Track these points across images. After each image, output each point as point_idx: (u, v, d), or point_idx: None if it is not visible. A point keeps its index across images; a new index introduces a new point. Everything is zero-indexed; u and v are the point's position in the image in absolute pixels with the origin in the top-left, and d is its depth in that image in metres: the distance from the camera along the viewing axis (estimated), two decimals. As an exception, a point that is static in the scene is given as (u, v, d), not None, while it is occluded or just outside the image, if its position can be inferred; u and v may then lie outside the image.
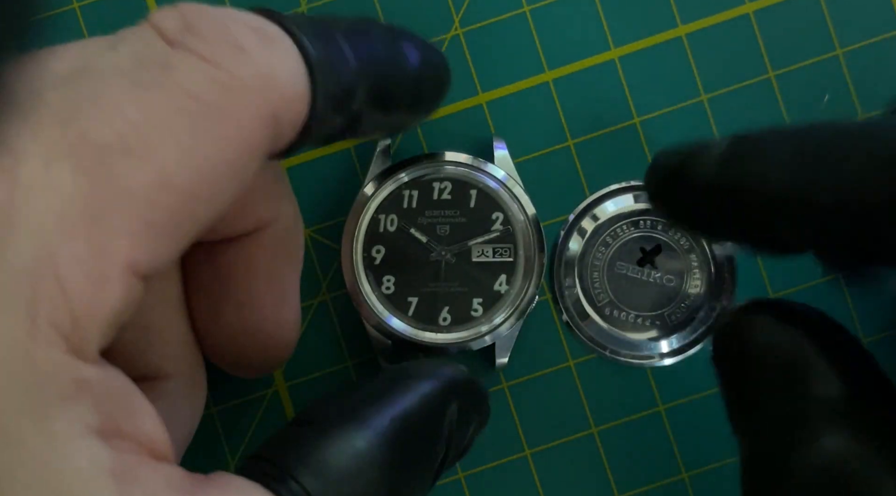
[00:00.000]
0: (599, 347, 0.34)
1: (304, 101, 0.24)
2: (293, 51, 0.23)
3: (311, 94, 0.24)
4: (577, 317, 0.34)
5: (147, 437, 0.22)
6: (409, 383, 0.27)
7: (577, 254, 0.34)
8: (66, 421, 0.20)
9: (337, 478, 0.24)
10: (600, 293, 0.34)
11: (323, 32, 0.25)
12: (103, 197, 0.21)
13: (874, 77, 0.34)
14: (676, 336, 0.34)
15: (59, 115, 0.21)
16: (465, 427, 0.28)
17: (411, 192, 0.33)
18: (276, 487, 0.23)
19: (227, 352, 0.30)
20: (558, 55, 0.35)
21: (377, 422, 0.25)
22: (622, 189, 0.34)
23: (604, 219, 0.34)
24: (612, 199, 0.34)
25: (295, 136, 0.24)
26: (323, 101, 0.24)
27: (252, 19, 0.23)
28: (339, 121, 0.25)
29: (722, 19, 0.34)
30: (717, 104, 0.34)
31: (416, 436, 0.26)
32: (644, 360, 0.34)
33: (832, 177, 0.25)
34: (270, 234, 0.29)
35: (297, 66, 0.23)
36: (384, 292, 0.33)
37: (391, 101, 0.27)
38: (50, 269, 0.20)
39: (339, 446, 0.24)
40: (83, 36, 0.35)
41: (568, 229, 0.34)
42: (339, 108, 0.25)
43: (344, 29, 0.26)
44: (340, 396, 0.27)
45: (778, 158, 0.25)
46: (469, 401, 0.28)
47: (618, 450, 0.34)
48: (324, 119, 0.24)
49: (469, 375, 0.29)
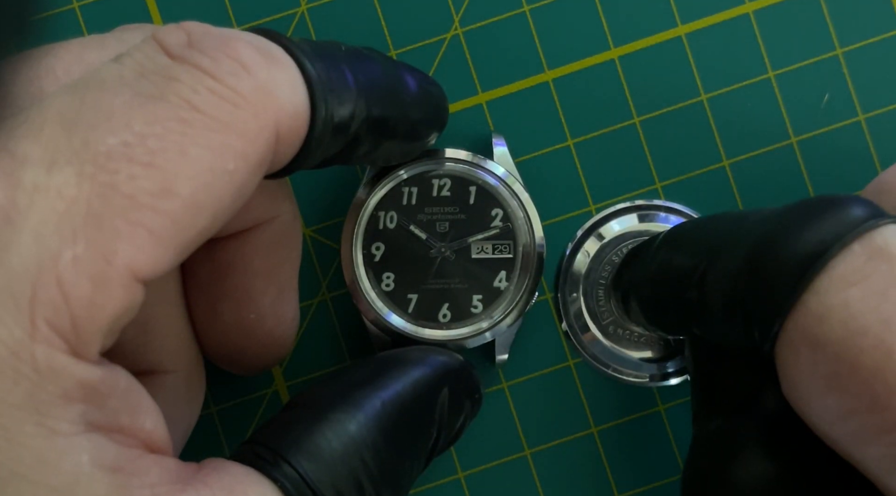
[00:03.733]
0: (602, 365, 0.34)
1: (303, 119, 0.24)
2: (294, 70, 0.24)
3: (311, 113, 0.24)
4: (580, 331, 0.34)
5: (146, 432, 0.23)
6: (402, 368, 0.28)
7: (582, 272, 0.34)
8: (66, 418, 0.21)
9: (330, 460, 0.24)
10: (605, 312, 0.34)
11: (324, 55, 0.25)
12: (106, 202, 0.21)
13: (874, 77, 0.34)
14: (680, 356, 0.34)
15: (64, 122, 0.21)
16: (457, 412, 0.29)
17: (411, 188, 0.33)
18: (269, 471, 0.24)
19: (226, 348, 0.30)
20: (558, 55, 0.35)
21: (369, 405, 0.26)
22: (627, 209, 0.34)
23: (609, 238, 0.34)
24: (617, 219, 0.34)
25: (293, 154, 0.25)
26: (322, 121, 0.24)
27: (255, 39, 0.24)
28: (338, 142, 0.26)
29: (722, 19, 0.35)
30: (717, 104, 0.34)
31: (407, 419, 0.27)
32: (646, 380, 0.34)
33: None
34: (269, 231, 0.29)
35: (298, 85, 0.24)
36: (384, 289, 0.33)
37: (389, 126, 0.27)
38: (51, 271, 0.20)
39: (331, 429, 0.25)
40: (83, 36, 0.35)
41: (574, 247, 0.34)
42: (338, 129, 0.25)
43: (345, 53, 0.26)
44: (333, 381, 0.27)
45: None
46: (461, 386, 0.29)
47: (618, 450, 0.34)
48: (322, 139, 0.25)
49: (462, 362, 0.30)
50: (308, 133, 0.24)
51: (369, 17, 0.34)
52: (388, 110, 0.27)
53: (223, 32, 0.24)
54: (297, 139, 0.24)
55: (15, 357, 0.20)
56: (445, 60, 0.35)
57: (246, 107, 0.22)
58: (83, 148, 0.21)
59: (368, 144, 0.27)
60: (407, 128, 0.29)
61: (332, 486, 0.24)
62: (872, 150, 0.34)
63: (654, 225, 0.34)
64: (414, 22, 0.35)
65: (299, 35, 0.35)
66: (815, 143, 0.34)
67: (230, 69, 0.23)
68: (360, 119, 0.26)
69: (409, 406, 0.27)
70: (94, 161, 0.21)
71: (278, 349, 0.30)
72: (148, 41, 0.23)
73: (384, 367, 0.28)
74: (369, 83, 0.26)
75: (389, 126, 0.28)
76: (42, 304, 0.20)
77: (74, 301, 0.21)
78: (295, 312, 0.31)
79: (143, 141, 0.21)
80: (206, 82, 0.22)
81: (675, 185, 0.34)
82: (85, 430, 0.21)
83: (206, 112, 0.22)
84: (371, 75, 0.27)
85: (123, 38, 0.26)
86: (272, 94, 0.23)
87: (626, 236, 0.34)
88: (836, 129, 0.34)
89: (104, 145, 0.21)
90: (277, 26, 0.34)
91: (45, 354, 0.20)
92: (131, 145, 0.21)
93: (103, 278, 0.21)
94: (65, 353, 0.21)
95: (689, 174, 0.34)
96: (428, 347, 0.30)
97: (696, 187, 0.35)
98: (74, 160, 0.21)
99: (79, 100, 0.22)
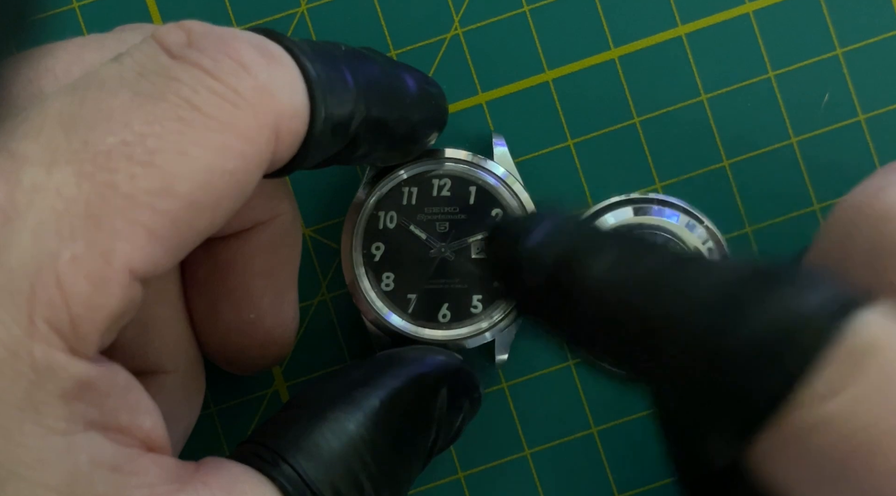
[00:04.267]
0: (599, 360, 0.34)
1: (303, 118, 0.24)
2: (294, 70, 0.24)
3: (311, 112, 0.24)
4: None
5: (145, 431, 0.23)
6: (401, 368, 0.28)
7: None
8: (64, 417, 0.21)
9: (329, 459, 0.25)
10: None
11: (324, 55, 0.25)
12: (105, 201, 0.21)
13: (874, 77, 0.34)
14: None
15: (63, 122, 0.21)
16: (455, 411, 0.29)
17: (411, 188, 0.33)
18: (268, 470, 0.24)
19: (226, 348, 0.30)
20: (558, 55, 0.35)
21: (368, 404, 0.26)
22: (622, 202, 0.34)
23: (604, 231, 0.34)
24: (612, 212, 0.34)
25: (293, 154, 0.25)
26: (322, 121, 0.24)
27: (255, 38, 0.24)
28: (337, 142, 0.26)
29: (722, 19, 0.35)
30: (717, 104, 0.34)
31: (406, 419, 0.27)
32: None
33: None
34: (269, 231, 0.29)
35: (298, 84, 0.24)
36: (384, 289, 0.33)
37: (388, 126, 0.27)
38: (50, 270, 0.20)
39: (330, 429, 0.25)
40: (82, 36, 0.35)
41: None
42: (338, 129, 0.25)
43: (345, 53, 0.26)
44: (333, 380, 0.27)
45: None
46: (460, 386, 0.29)
47: (618, 450, 0.34)
48: (321, 139, 0.25)
49: (460, 362, 0.30)
50: (307, 133, 0.24)
51: (369, 17, 0.34)
52: (388, 111, 0.27)
53: (223, 32, 0.24)
54: (297, 139, 0.24)
55: (13, 356, 0.20)
56: (445, 60, 0.35)
57: (246, 107, 0.23)
58: (83, 147, 0.21)
59: (368, 145, 0.27)
60: (406, 128, 0.29)
61: (331, 486, 0.24)
62: (872, 150, 0.34)
63: (649, 218, 0.34)
64: (414, 22, 0.35)
65: (299, 35, 0.35)
66: (815, 143, 0.34)
67: (230, 69, 0.23)
68: (360, 119, 0.26)
69: (407, 405, 0.27)
70: (94, 160, 0.21)
71: (278, 349, 0.30)
72: (148, 41, 0.23)
73: (383, 367, 0.28)
74: (369, 84, 0.26)
75: (389, 126, 0.28)
76: (41, 303, 0.20)
77: (73, 300, 0.21)
78: (295, 312, 0.31)
79: (143, 140, 0.21)
80: (207, 82, 0.22)
81: (675, 185, 0.34)
82: (83, 429, 0.21)
83: (205, 112, 0.22)
84: (371, 76, 0.27)
85: (123, 38, 0.26)
86: (272, 94, 0.23)
87: (621, 230, 0.34)
88: (836, 129, 0.34)
89: (104, 145, 0.21)
90: (277, 26, 0.34)
91: (44, 353, 0.20)
92: (131, 145, 0.21)
93: (102, 277, 0.21)
94: (63, 352, 0.21)
95: (689, 174, 0.34)
96: (427, 347, 0.30)
97: (696, 187, 0.35)
98: (74, 160, 0.21)
99: (78, 100, 0.22)
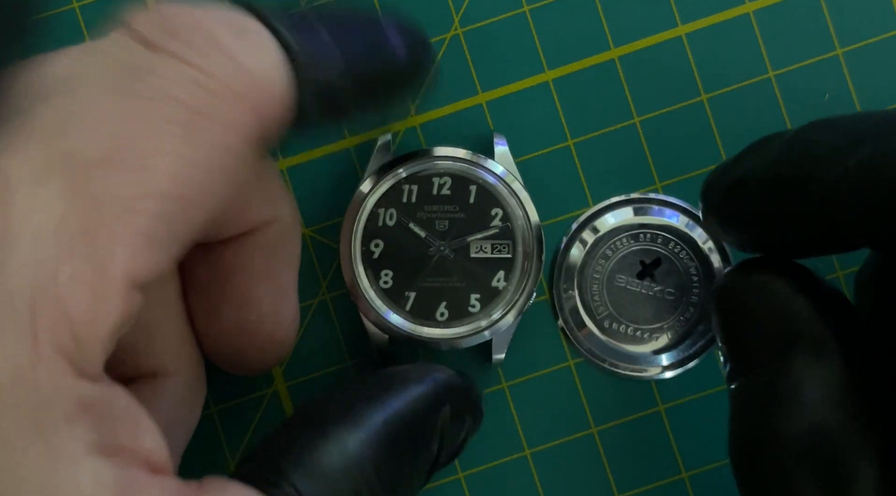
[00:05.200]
0: (598, 360, 0.34)
1: (287, 94, 0.24)
2: (274, 46, 0.24)
3: (296, 86, 0.24)
4: (575, 327, 0.34)
5: (146, 453, 0.22)
6: (404, 386, 0.28)
7: (576, 266, 0.34)
8: (69, 440, 0.21)
9: (332, 478, 0.24)
10: (599, 306, 0.34)
11: (304, 24, 0.25)
12: (96, 212, 0.21)
13: (874, 77, 0.34)
14: (675, 349, 0.34)
15: (45, 134, 0.21)
16: (458, 429, 0.28)
17: (411, 186, 0.33)
18: (270, 490, 0.23)
19: (226, 350, 0.30)
20: (558, 55, 0.35)
21: (371, 423, 0.26)
22: (622, 202, 0.34)
23: (604, 231, 0.34)
24: (612, 212, 0.34)
25: (282, 129, 0.24)
26: (307, 92, 0.24)
27: (232, 16, 0.23)
28: (324, 110, 0.25)
29: (722, 19, 0.35)
30: (717, 104, 0.34)
31: (409, 437, 0.26)
32: (643, 373, 0.34)
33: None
34: (268, 233, 0.29)
35: (279, 60, 0.24)
36: (382, 286, 0.33)
37: (376, 85, 0.27)
38: (50, 291, 0.20)
39: (333, 447, 0.25)
40: (83, 36, 0.35)
41: (568, 240, 0.34)
42: (323, 98, 0.25)
43: (326, 19, 0.26)
44: (335, 397, 0.27)
45: (837, 143, 0.25)
46: (462, 403, 0.29)
47: (618, 450, 0.34)
48: (309, 110, 0.24)
49: (463, 379, 0.29)
50: (295, 106, 0.24)
51: (369, 18, 0.34)
52: (373, 74, 0.27)
53: (199, 13, 0.23)
54: (283, 115, 0.24)
55: (19, 382, 0.20)
56: (445, 60, 0.35)
57: (227, 93, 0.22)
58: (66, 159, 0.21)
59: (358, 105, 0.27)
60: (394, 82, 0.28)
61: None
62: (872, 150, 0.34)
63: (650, 218, 0.34)
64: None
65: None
66: (815, 142, 0.34)
67: (210, 56, 0.22)
68: (347, 84, 0.25)
69: (410, 423, 0.27)
70: (82, 172, 0.21)
71: (278, 350, 0.30)
72: (122, 32, 0.23)
73: (386, 385, 0.27)
74: (352, 46, 0.26)
75: (377, 84, 0.27)
76: (43, 327, 0.20)
77: (76, 318, 0.20)
78: (295, 313, 0.31)
79: (129, 143, 0.21)
80: (185, 72, 0.22)
81: (675, 185, 0.34)
82: (87, 452, 0.21)
83: (188, 105, 0.22)
84: (353, 37, 0.26)
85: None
86: (253, 77, 0.23)
87: (621, 229, 0.34)
88: (836, 128, 0.34)
89: (90, 153, 0.21)
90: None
91: (49, 377, 0.20)
92: (116, 149, 0.21)
93: (102, 292, 0.21)
94: (68, 375, 0.21)
95: (689, 174, 0.34)
96: (430, 365, 0.30)
97: (697, 187, 0.34)
98: (59, 174, 0.21)
99: (59, 107, 0.21)
